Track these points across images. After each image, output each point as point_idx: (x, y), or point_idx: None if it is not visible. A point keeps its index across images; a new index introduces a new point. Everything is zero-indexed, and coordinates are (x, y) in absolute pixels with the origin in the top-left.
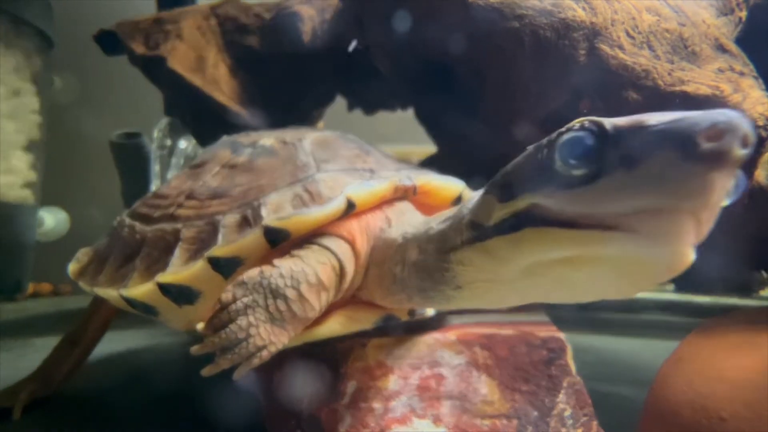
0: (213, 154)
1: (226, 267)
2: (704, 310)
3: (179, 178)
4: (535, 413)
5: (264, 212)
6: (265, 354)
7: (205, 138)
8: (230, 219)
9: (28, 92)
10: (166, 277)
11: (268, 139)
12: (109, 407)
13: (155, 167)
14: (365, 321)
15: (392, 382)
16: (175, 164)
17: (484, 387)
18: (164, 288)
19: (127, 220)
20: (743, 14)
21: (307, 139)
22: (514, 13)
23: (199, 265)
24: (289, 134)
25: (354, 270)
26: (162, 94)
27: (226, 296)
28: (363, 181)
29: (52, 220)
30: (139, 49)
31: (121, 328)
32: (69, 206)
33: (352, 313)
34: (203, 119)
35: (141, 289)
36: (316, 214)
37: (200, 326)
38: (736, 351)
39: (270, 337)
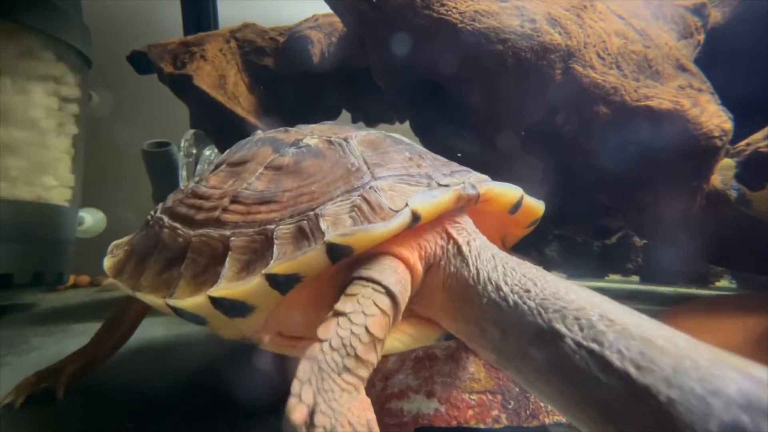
0: (253, 153)
1: (284, 284)
2: (666, 298)
3: (218, 177)
4: (516, 389)
5: (323, 225)
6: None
7: (226, 147)
8: (284, 230)
9: (69, 107)
10: (220, 291)
11: (311, 138)
12: (140, 385)
13: (182, 173)
14: (427, 338)
15: (391, 362)
16: (200, 170)
17: (472, 366)
18: (216, 302)
19: (166, 220)
20: (701, 37)
21: (353, 139)
22: (498, 37)
23: (257, 281)
24: (332, 132)
25: (410, 292)
26: (188, 108)
27: (298, 417)
28: (425, 190)
29: (90, 219)
30: (167, 68)
31: (158, 315)
32: (106, 207)
33: (413, 331)
34: (225, 130)
35: (191, 301)
36: (380, 230)
37: None
38: (695, 335)
39: (358, 412)
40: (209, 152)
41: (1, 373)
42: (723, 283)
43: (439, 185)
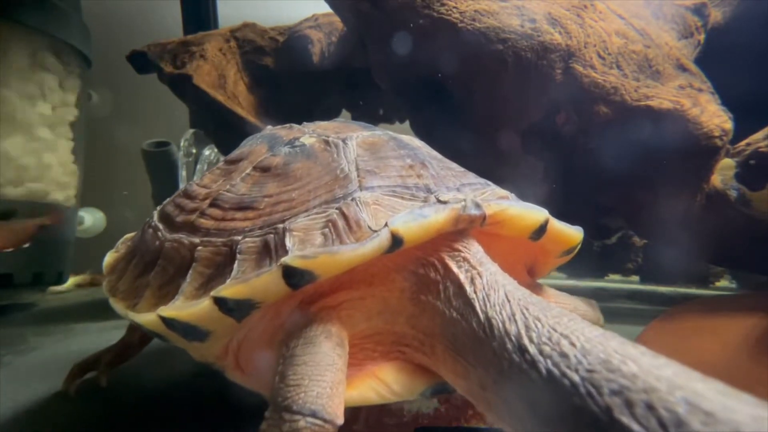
0: (250, 150)
1: (236, 310)
2: (666, 298)
3: (212, 174)
4: None
5: (289, 242)
6: None
7: (226, 147)
8: (249, 243)
9: (69, 107)
10: (169, 311)
11: (309, 137)
12: (139, 385)
13: (182, 173)
14: (411, 392)
15: None
16: (200, 170)
17: None
18: (167, 322)
19: (154, 218)
20: (701, 37)
21: (352, 140)
22: (499, 36)
23: (205, 304)
24: (334, 131)
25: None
26: (188, 108)
27: None
28: (416, 207)
29: (90, 219)
30: (167, 68)
31: None
32: (105, 207)
33: (393, 380)
34: (224, 130)
35: (146, 318)
36: (349, 254)
37: None
38: (695, 335)
39: None
40: (209, 152)
41: (1, 373)
42: (723, 283)
43: (438, 201)
